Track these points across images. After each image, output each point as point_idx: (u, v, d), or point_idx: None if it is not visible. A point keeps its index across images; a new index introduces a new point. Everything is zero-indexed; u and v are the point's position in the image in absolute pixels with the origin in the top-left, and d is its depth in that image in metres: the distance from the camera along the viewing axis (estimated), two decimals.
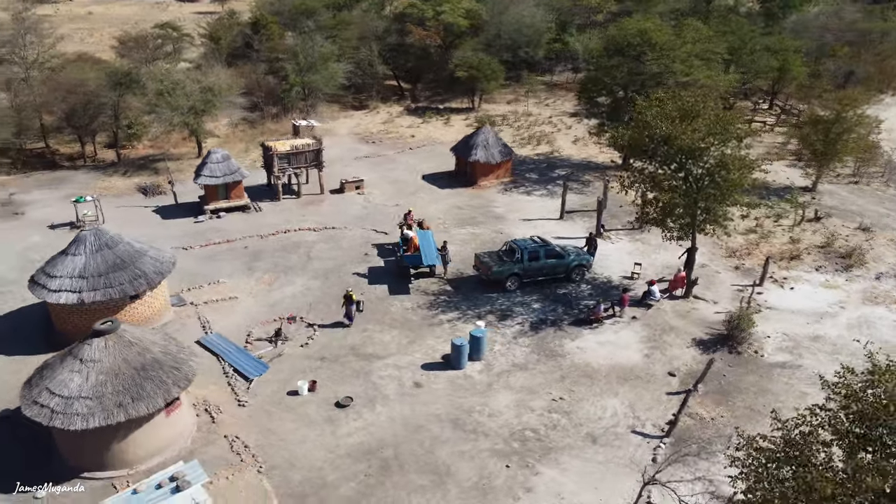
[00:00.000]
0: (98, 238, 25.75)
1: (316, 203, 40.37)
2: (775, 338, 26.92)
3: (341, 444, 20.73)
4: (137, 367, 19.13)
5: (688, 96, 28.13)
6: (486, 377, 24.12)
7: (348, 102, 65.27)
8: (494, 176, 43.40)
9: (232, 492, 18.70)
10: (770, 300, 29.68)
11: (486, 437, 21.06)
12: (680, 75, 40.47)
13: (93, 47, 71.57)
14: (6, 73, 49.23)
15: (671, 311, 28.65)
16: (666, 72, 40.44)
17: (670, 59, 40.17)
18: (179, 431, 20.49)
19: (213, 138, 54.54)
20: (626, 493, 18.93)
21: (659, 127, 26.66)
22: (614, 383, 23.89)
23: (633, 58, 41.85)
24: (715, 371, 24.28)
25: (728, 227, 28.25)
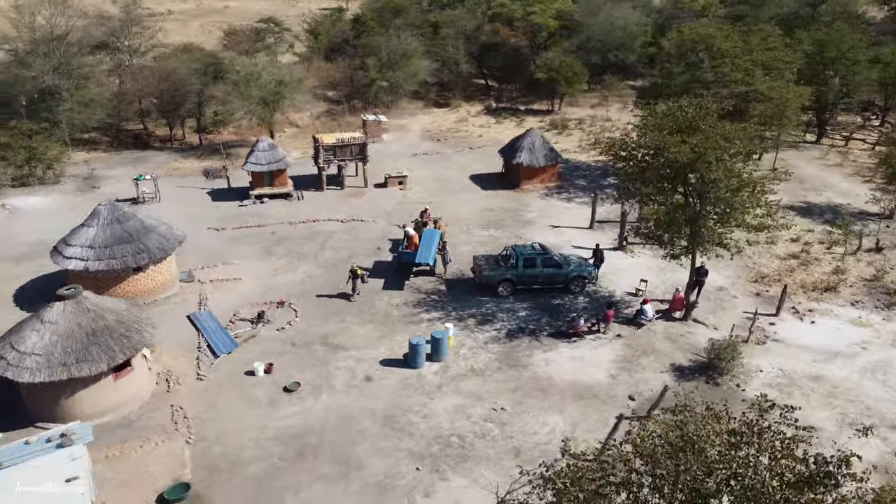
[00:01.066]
0: (111, 213, 28.15)
1: (356, 195, 41.57)
2: (768, 373, 24.89)
3: (271, 427, 21.54)
4: (88, 332, 20.89)
5: (687, 107, 26.50)
6: (439, 379, 24.10)
7: (432, 99, 66.18)
8: (539, 180, 42.75)
9: (154, 457, 20.01)
10: (781, 332, 27.42)
11: (411, 438, 21.12)
12: (737, 85, 37.96)
13: (203, 38, 76.85)
14: (113, 61, 54.33)
15: (661, 333, 27.19)
16: (722, 80, 38.07)
17: (730, 66, 37.72)
18: (130, 395, 22.11)
19: (293, 128, 57.40)
20: None
21: (645, 136, 25.38)
22: (567, 400, 23.11)
23: (692, 64, 39.74)
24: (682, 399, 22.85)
25: (734, 248, 26.36)
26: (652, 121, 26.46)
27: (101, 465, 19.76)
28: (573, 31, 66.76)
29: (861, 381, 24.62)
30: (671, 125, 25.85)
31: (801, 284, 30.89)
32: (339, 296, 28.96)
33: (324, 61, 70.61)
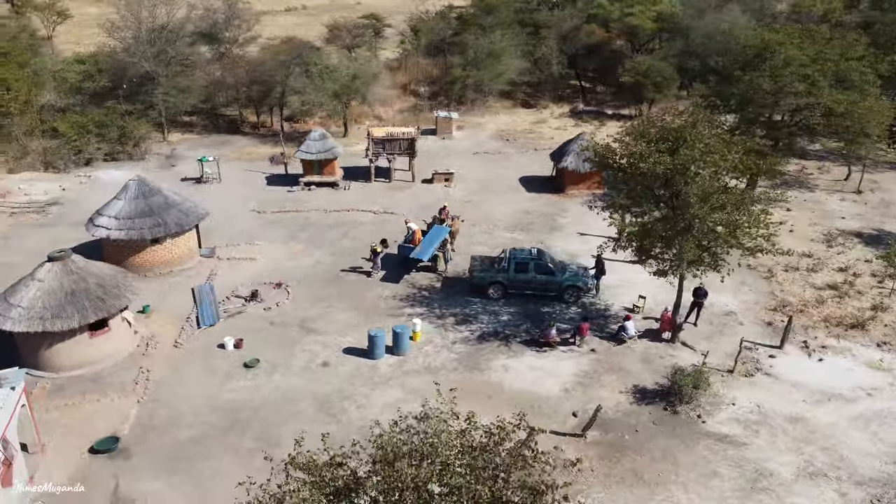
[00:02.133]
0: (139, 188, 30.84)
1: (400, 189, 42.50)
2: (742, 407, 23.09)
3: (218, 397, 22.91)
4: (67, 292, 23.23)
5: (676, 118, 24.97)
6: (392, 372, 24.46)
7: (520, 99, 65.91)
8: (585, 185, 41.65)
9: (104, 411, 21.97)
10: (779, 366, 25.27)
11: (337, 424, 21.69)
12: (799, 96, 34.95)
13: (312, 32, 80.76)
14: (213, 51, 58.78)
15: (640, 353, 25.91)
16: (782, 91, 35.20)
17: (793, 76, 34.82)
18: (107, 353, 24.32)
19: (376, 121, 59.10)
20: None
21: (627, 143, 24.24)
22: (504, 408, 22.56)
23: (753, 72, 37.08)
24: (634, 424, 21.94)
25: (725, 269, 24.64)
26: (639, 128, 25.18)
27: (58, 413, 22.01)
28: (674, 33, 63.87)
29: (848, 430, 22.27)
30: (657, 135, 24.51)
31: (825, 318, 28.14)
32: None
33: (422, 58, 72.24)
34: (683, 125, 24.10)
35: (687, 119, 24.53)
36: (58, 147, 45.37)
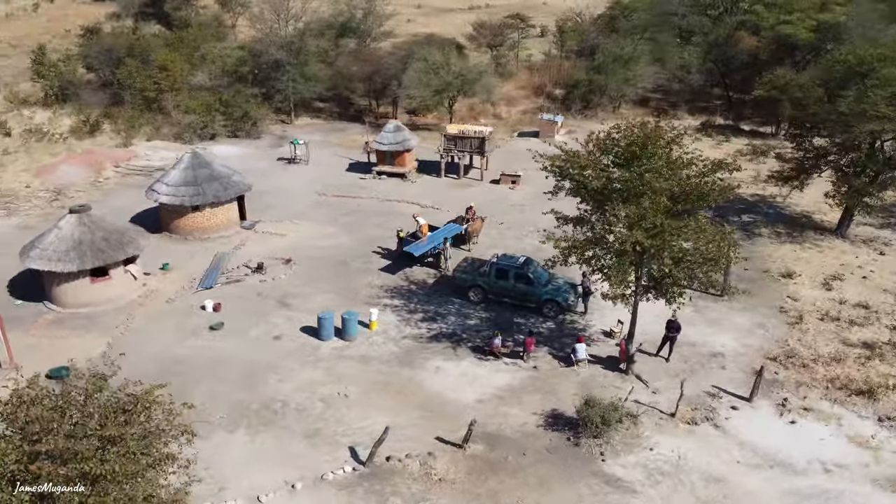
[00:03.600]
0: (192, 160, 34.64)
1: (464, 187, 43.04)
2: (660, 455, 21.09)
3: (170, 351, 25.47)
4: (76, 241, 27.15)
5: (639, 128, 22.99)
6: (329, 354, 25.49)
7: (653, 108, 62.89)
8: None
9: (77, 344, 25.47)
10: (735, 420, 22.62)
11: (250, 393, 23.20)
12: (881, 122, 30.14)
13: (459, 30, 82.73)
14: (347, 44, 62.99)
15: (582, 378, 24.47)
16: (864, 114, 30.58)
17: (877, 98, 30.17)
18: (107, 298, 28.02)
19: (495, 120, 59.67)
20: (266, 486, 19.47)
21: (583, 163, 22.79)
22: (411, 408, 22.81)
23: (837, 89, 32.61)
24: (527, 447, 21.17)
25: (677, 300, 22.63)
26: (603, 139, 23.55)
27: (47, 341, 25.98)
28: (837, 44, 56.93)
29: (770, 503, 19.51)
30: (615, 149, 22.92)
31: (831, 378, 24.44)
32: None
33: (569, 60, 71.29)
34: (638, 138, 22.27)
35: (646, 130, 22.59)
36: (188, 122, 51.56)
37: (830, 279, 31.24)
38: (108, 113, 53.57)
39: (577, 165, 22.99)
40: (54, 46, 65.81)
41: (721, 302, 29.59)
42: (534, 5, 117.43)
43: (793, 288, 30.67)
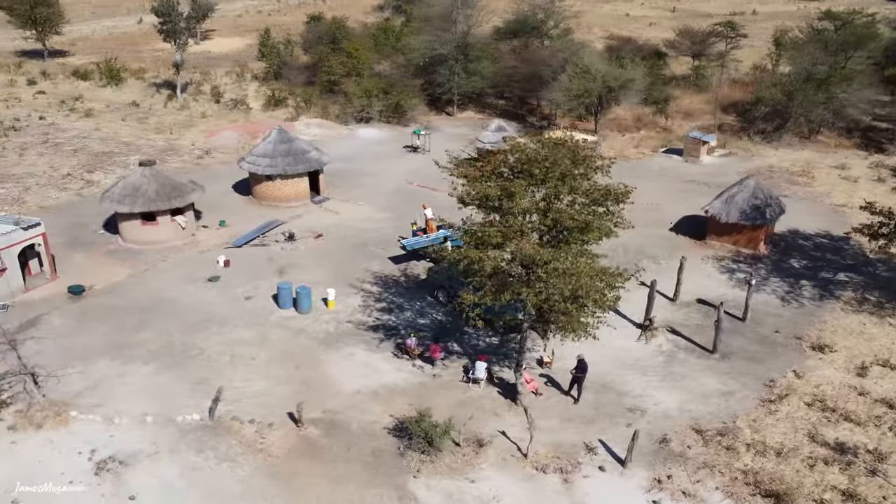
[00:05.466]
0: (277, 136, 39.15)
1: None
2: (473, 489, 19.91)
3: (164, 291, 29.77)
4: (134, 189, 32.89)
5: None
6: (273, 321, 27.72)
7: (857, 137, 54.08)
8: (731, 239, 34.82)
9: (106, 270, 31.17)
10: (593, 478, 20.40)
11: (187, 337, 26.44)
12: None
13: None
14: (521, 42, 63.61)
15: (469, 395, 23.62)
16: None
17: None
18: (153, 239, 33.43)
19: (659, 131, 56.41)
20: (127, 413, 22.67)
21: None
22: (294, 381, 24.17)
23: None
24: (356, 444, 21.50)
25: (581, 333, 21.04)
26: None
27: (92, 264, 31.99)
28: None
29: None
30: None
31: (747, 470, 20.53)
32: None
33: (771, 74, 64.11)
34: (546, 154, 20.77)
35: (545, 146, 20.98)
36: (347, 105, 56.94)
37: (875, 364, 25.31)
38: (292, 90, 61.26)
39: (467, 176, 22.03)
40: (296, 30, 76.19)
41: (710, 359, 25.82)
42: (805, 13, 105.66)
43: (812, 363, 25.49)
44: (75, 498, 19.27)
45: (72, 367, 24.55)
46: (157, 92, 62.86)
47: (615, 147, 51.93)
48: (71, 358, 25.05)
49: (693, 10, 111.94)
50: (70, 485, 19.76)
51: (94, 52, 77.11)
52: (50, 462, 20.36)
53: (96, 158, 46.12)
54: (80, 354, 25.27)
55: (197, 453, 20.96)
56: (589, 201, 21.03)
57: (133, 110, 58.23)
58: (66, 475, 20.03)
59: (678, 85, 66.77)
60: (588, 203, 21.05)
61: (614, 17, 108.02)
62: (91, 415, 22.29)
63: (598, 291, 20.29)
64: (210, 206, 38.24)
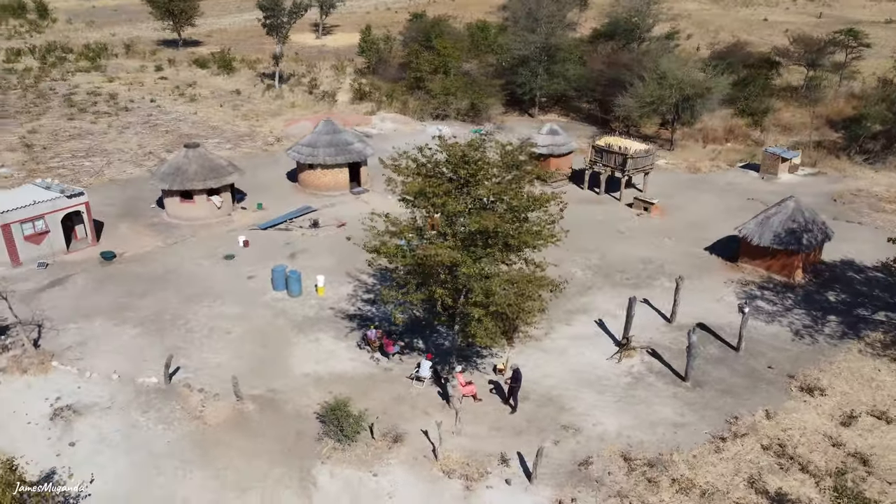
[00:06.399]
0: (325, 126, 40.88)
1: (591, 202, 41.05)
2: (374, 483, 20.09)
3: (182, 265, 32.02)
4: (175, 168, 35.62)
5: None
6: (263, 301, 29.13)
7: None
8: (763, 264, 32.38)
9: (139, 239, 34.15)
10: (496, 489, 20.01)
11: (181, 308, 28.44)
12: None
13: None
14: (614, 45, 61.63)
15: (408, 393, 23.73)
16: None
17: None
18: (189, 216, 36.05)
19: (741, 144, 53.33)
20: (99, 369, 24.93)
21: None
22: (255, 357, 25.40)
23: None
24: (283, 423, 22.36)
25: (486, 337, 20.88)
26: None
27: (132, 233, 35.10)
28: None
29: None
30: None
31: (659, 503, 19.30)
32: None
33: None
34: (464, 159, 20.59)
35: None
36: (425, 102, 57.98)
37: (868, 415, 22.69)
38: (380, 85, 63.21)
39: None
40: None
41: (680, 387, 24.29)
42: None
43: (793, 405, 23.27)
44: (28, 434, 21.43)
45: (73, 323, 27.19)
46: (261, 82, 66.99)
47: (689, 159, 49.41)
48: (76, 315, 27.74)
49: (842, 16, 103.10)
50: (28, 425, 22.00)
51: (224, 44, 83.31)
52: (19, 403, 22.77)
53: (180, 139, 50.08)
54: (85, 312, 27.91)
55: (142, 413, 22.60)
56: (511, 208, 20.46)
57: (233, 98, 62.52)
58: (28, 416, 22.29)
59: (786, 96, 62.08)
60: (508, 210, 20.48)
61: (748, 22, 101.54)
62: (70, 367, 24.62)
63: (511, 302, 19.77)
64: (258, 189, 40.60)
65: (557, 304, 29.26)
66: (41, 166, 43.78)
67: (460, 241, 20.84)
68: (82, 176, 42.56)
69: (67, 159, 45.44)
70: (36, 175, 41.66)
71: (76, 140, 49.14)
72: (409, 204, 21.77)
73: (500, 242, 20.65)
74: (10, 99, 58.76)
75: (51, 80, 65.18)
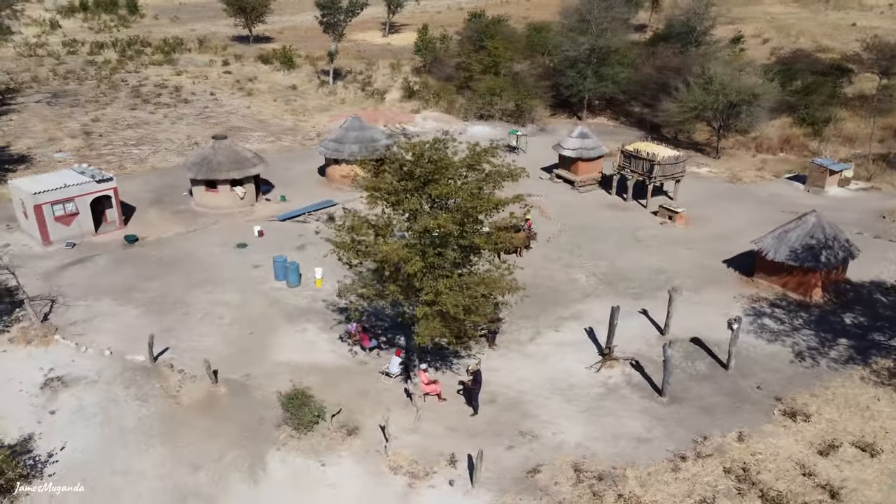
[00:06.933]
0: (351, 123, 41.70)
1: (618, 209, 40.23)
2: (320, 472, 20.48)
3: (197, 249, 33.38)
4: (202, 158, 37.13)
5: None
6: (263, 289, 30.03)
7: None
8: (780, 281, 30.94)
9: (162, 223, 35.81)
10: (438, 489, 20.07)
11: (184, 293, 29.76)
12: None
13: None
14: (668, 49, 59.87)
15: (375, 387, 23.99)
16: None
17: None
18: (213, 205, 37.48)
19: (797, 155, 51.02)
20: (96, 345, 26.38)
21: None
22: (240, 343, 26.27)
23: None
24: (247, 406, 23.04)
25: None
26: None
27: (159, 219, 36.85)
28: None
29: None
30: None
31: None
32: None
33: None
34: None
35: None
36: (471, 101, 58.04)
37: (852, 445, 21.35)
38: (428, 83, 63.68)
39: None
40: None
41: (654, 401, 23.56)
42: None
43: (770, 429, 22.14)
44: (17, 400, 22.94)
45: (83, 301, 28.83)
46: (318, 78, 68.68)
47: (733, 168, 47.48)
48: (88, 293, 29.40)
49: None
50: (19, 392, 23.55)
51: (294, 40, 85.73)
52: (17, 371, 24.38)
53: (227, 132, 51.96)
54: (96, 291, 29.55)
55: (124, 388, 23.77)
56: (460, 209, 20.38)
57: (288, 93, 64.42)
58: (21, 384, 23.85)
59: (855, 105, 58.65)
60: (457, 210, 20.39)
61: (834, 27, 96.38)
62: (69, 341, 26.14)
63: (459, 303, 19.71)
64: (287, 182, 41.80)
65: (551, 310, 28.92)
66: (93, 153, 46.47)
67: (416, 239, 20.87)
68: (127, 163, 44.89)
69: (119, 147, 48.02)
70: (87, 161, 44.29)
71: (132, 129, 51.85)
72: (371, 199, 21.96)
73: (452, 244, 20.59)
74: (84, 89, 62.51)
75: (125, 72, 68.90)
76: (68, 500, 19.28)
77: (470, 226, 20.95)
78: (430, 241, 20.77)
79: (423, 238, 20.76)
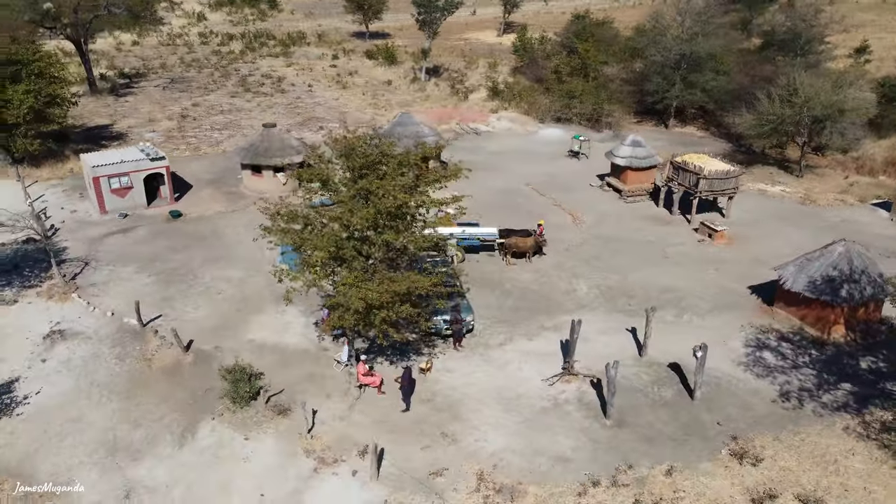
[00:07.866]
0: (401, 118, 42.76)
1: (657, 221, 38.41)
2: (242, 448, 21.65)
3: (225, 229, 35.56)
4: (251, 145, 39.52)
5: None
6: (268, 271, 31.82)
7: None
8: (799, 313, 28.40)
9: (207, 201, 38.54)
10: (341, 478, 20.57)
11: (196, 266, 31.86)
12: None
13: None
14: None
15: (325, 373, 24.69)
16: None
17: None
18: (258, 188, 39.64)
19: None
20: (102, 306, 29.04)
21: None
22: (225, 318, 27.98)
23: None
24: (212, 385, 24.53)
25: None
26: None
27: (209, 197, 39.66)
28: None
29: None
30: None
31: None
32: None
33: None
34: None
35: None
36: (551, 103, 57.18)
37: (797, 500, 19.38)
38: (514, 84, 63.36)
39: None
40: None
41: (598, 422, 22.57)
42: None
43: (708, 468, 20.49)
44: (19, 346, 25.86)
45: (111, 266, 31.76)
46: (414, 74, 70.28)
47: (811, 189, 43.59)
48: (119, 259, 32.32)
49: None
50: (25, 339, 26.50)
51: (410, 37, 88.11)
52: (31, 321, 27.41)
53: (308, 121, 54.76)
54: (125, 258, 32.41)
55: (110, 347, 26.08)
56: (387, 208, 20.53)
57: (380, 87, 66.49)
58: (29, 332, 26.81)
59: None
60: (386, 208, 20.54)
61: None
62: (83, 300, 28.97)
63: (388, 306, 19.97)
64: None
65: (535, 318, 28.27)
66: (179, 134, 50.56)
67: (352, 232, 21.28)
68: (204, 145, 48.45)
69: (205, 131, 51.88)
70: (172, 141, 48.39)
71: (223, 115, 55.79)
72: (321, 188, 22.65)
73: (378, 240, 20.83)
74: (200, 77, 67.95)
75: (242, 62, 74.05)
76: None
77: (399, 222, 21.00)
78: (349, 235, 21.08)
79: (349, 230, 21.10)
